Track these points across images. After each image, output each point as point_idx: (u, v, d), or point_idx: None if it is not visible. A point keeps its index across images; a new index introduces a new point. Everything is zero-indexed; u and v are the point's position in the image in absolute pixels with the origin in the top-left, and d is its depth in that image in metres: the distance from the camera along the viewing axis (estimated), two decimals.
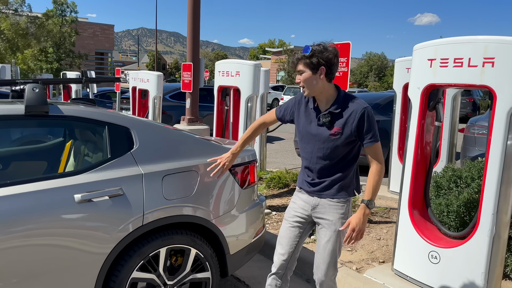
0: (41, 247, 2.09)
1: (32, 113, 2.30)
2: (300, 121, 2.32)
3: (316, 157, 2.26)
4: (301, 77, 2.17)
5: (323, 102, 2.22)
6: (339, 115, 2.18)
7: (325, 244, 2.27)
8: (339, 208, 2.27)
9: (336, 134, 2.18)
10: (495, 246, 2.58)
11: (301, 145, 2.35)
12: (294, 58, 2.20)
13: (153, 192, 2.42)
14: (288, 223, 2.38)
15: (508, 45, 2.43)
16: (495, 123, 2.52)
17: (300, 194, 2.40)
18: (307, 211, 2.34)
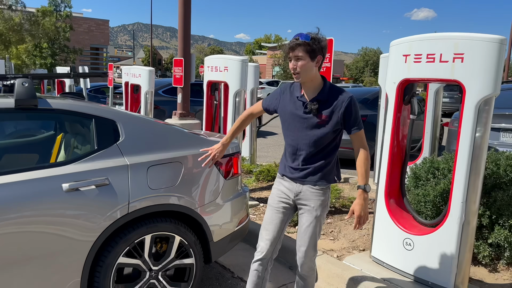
0: (29, 233, 2.20)
1: (21, 106, 2.40)
2: (286, 109, 2.37)
3: (303, 143, 2.33)
4: (298, 63, 2.20)
5: (311, 90, 2.29)
6: (326, 103, 2.26)
7: (306, 228, 2.39)
8: (320, 195, 2.39)
9: (323, 122, 2.26)
10: (464, 233, 2.72)
11: (286, 133, 2.41)
12: (293, 43, 2.20)
13: (138, 182, 2.54)
14: (274, 208, 2.47)
15: (476, 41, 2.56)
16: (464, 116, 2.65)
17: (282, 181, 2.47)
18: (290, 197, 2.44)
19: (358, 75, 70.33)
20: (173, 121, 7.16)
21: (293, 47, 2.20)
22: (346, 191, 5.46)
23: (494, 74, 2.51)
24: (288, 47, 2.22)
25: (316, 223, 2.39)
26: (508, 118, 5.15)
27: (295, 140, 2.36)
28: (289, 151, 2.41)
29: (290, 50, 2.21)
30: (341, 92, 2.28)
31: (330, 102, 2.27)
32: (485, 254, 3.15)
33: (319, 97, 2.27)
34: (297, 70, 2.21)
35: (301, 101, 2.31)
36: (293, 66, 2.22)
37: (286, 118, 2.38)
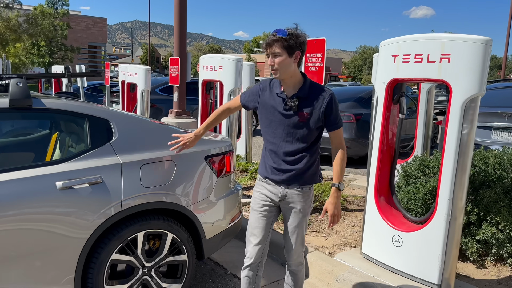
0: (24, 231, 2.25)
1: (16, 106, 2.45)
2: (266, 107, 2.31)
3: (284, 142, 2.28)
4: (276, 59, 2.16)
5: (291, 87, 2.25)
6: (306, 100, 2.22)
7: (294, 228, 2.38)
8: (306, 196, 2.36)
9: (304, 119, 2.22)
10: (451, 229, 2.78)
11: (267, 131, 2.35)
12: (270, 39, 2.16)
13: (131, 180, 2.59)
14: (258, 213, 2.41)
15: (462, 42, 2.61)
16: (451, 115, 2.71)
17: (265, 184, 2.40)
18: (275, 200, 2.38)
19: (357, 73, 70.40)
20: (169, 120, 7.21)
21: (270, 44, 2.16)
22: None
23: (479, 74, 2.56)
24: (265, 43, 2.19)
25: (303, 222, 2.40)
26: (500, 116, 5.20)
27: (276, 138, 2.31)
28: (270, 150, 2.35)
29: (267, 47, 2.18)
30: (321, 88, 2.26)
31: (311, 98, 2.23)
32: (473, 250, 3.22)
33: (300, 94, 2.23)
34: (275, 66, 2.17)
35: (281, 98, 2.26)
36: (271, 62, 2.18)
37: (266, 116, 2.32)
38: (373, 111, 3.23)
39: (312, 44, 4.08)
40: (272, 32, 2.19)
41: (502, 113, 5.20)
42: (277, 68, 2.17)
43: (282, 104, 2.25)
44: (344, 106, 7.30)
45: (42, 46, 26.11)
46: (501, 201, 3.18)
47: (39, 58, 25.90)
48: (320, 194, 4.64)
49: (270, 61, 2.18)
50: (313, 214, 4.38)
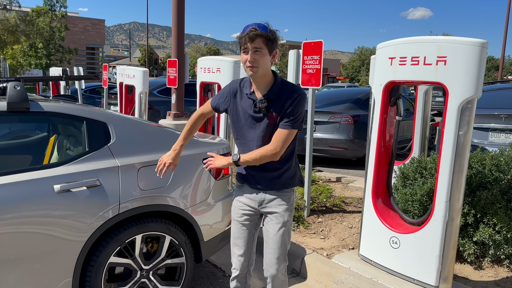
0: (21, 234, 2.25)
1: (14, 109, 2.45)
2: (237, 109, 2.19)
3: (257, 146, 2.15)
4: (256, 56, 2.01)
5: (262, 86, 2.12)
6: (276, 101, 2.09)
7: (274, 236, 2.23)
8: (286, 199, 2.25)
9: (274, 121, 2.10)
10: (448, 231, 2.79)
11: (239, 134, 2.22)
12: (252, 33, 1.99)
13: (129, 183, 2.60)
14: (239, 223, 2.32)
15: (458, 44, 2.62)
16: (447, 117, 2.72)
17: (243, 191, 2.31)
18: (254, 207, 2.29)
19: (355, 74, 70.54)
20: (167, 122, 7.22)
21: (252, 38, 1.99)
22: (338, 190, 5.53)
23: (475, 76, 2.57)
24: (246, 37, 2.00)
25: (284, 230, 2.24)
26: (497, 118, 5.23)
27: (248, 142, 2.18)
28: (244, 153, 2.20)
29: (248, 41, 2.00)
30: (292, 88, 2.10)
31: (280, 99, 2.09)
32: (470, 252, 3.23)
33: (269, 95, 2.09)
34: (255, 63, 2.01)
35: (250, 99, 2.14)
36: (252, 59, 2.01)
37: (237, 118, 2.20)
38: (371, 113, 3.24)
39: (309, 47, 4.09)
40: (250, 26, 2.03)
41: (499, 114, 5.22)
42: (257, 65, 2.02)
43: (252, 106, 2.13)
44: (342, 107, 7.32)
45: (39, 48, 26.08)
46: (498, 203, 3.19)
47: (36, 59, 25.86)
48: (318, 196, 4.65)
49: (251, 57, 2.01)
50: (310, 216, 4.39)
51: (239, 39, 2.06)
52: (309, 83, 4.15)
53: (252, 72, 2.05)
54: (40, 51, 26.16)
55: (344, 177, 6.24)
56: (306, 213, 4.36)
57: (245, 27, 2.05)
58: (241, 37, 2.04)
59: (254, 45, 2.01)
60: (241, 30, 2.08)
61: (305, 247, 3.63)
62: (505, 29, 22.62)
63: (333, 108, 7.35)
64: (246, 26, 2.05)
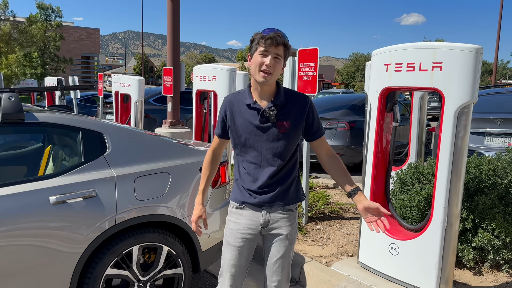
0: (17, 247, 2.22)
1: (8, 121, 2.43)
2: (238, 123, 2.03)
3: (265, 159, 2.01)
4: (276, 62, 1.91)
5: (266, 95, 1.99)
6: (284, 108, 1.99)
7: (278, 260, 2.08)
8: (292, 218, 2.10)
9: (285, 130, 1.98)
10: (447, 237, 2.77)
11: (243, 150, 2.05)
12: (279, 40, 1.89)
13: (125, 193, 2.57)
14: (236, 249, 2.08)
15: (453, 50, 2.63)
16: (444, 122, 2.72)
17: (243, 212, 2.09)
18: (256, 230, 2.07)
19: (349, 80, 70.89)
20: (164, 130, 7.20)
21: (278, 43, 1.88)
22: (336, 197, 5.51)
23: (471, 82, 2.58)
24: (273, 40, 1.88)
25: (290, 252, 2.11)
26: (492, 122, 5.25)
27: (254, 157, 2.02)
28: (247, 171, 2.05)
29: (273, 45, 1.88)
30: (298, 94, 2.04)
31: (289, 106, 1.99)
32: (469, 257, 3.21)
33: (276, 102, 1.97)
34: (272, 69, 1.90)
35: (254, 109, 1.99)
36: (270, 63, 1.89)
37: (240, 133, 2.02)
38: (367, 119, 3.24)
39: (305, 54, 4.10)
40: (272, 30, 1.92)
41: (494, 118, 5.24)
42: (272, 72, 1.91)
43: (257, 116, 1.98)
44: (338, 113, 7.33)
45: (34, 58, 26.04)
46: (496, 208, 3.19)
47: (31, 69, 25.80)
48: (316, 202, 4.63)
49: (270, 61, 1.89)
50: (308, 223, 4.37)
51: (259, 39, 1.90)
52: (305, 90, 4.15)
53: (264, 78, 1.91)
54: (35, 61, 26.12)
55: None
56: (304, 220, 4.34)
57: (268, 30, 1.92)
58: (264, 38, 1.88)
59: (277, 51, 1.90)
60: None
61: (303, 255, 3.61)
62: (498, 33, 22.84)
63: (329, 114, 7.36)
64: (269, 29, 1.93)
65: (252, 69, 1.96)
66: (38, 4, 27.67)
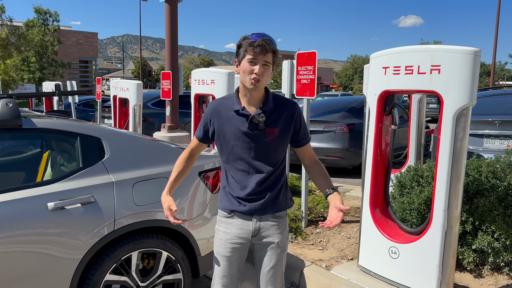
0: (16, 253, 2.21)
1: (6, 127, 2.42)
2: (225, 130, 1.98)
3: (254, 167, 1.98)
4: (264, 70, 1.87)
5: (255, 101, 1.95)
6: (273, 114, 1.96)
7: (272, 269, 2.06)
8: (283, 225, 2.08)
9: (274, 136, 1.96)
10: (447, 240, 2.77)
11: (230, 157, 2.01)
12: (268, 46, 1.85)
13: (124, 198, 2.56)
14: (226, 259, 2.05)
15: (452, 53, 2.63)
16: (443, 125, 2.72)
17: (232, 221, 2.05)
18: (246, 238, 2.05)
19: (348, 83, 71.04)
20: (162, 134, 7.19)
21: (267, 50, 1.85)
22: None
23: (470, 84, 2.58)
24: (261, 48, 1.84)
25: (282, 260, 2.09)
26: (491, 124, 5.25)
27: (243, 164, 1.98)
28: (235, 179, 2.01)
29: (261, 53, 1.84)
30: (287, 101, 2.01)
31: (278, 112, 1.97)
32: (469, 260, 3.20)
33: (265, 108, 1.94)
34: (261, 77, 1.87)
35: (243, 116, 1.95)
36: (259, 72, 1.85)
37: (227, 140, 1.99)
38: (366, 123, 3.23)
39: (303, 57, 4.10)
40: (260, 35, 1.87)
41: (493, 120, 5.24)
42: (262, 79, 1.87)
43: (246, 123, 1.94)
44: (337, 116, 7.33)
45: (32, 62, 26.02)
46: (496, 210, 3.19)
47: (29, 74, 25.78)
48: (315, 206, 4.62)
49: (259, 70, 1.85)
50: (308, 227, 4.36)
51: (247, 47, 1.86)
52: (304, 93, 4.15)
53: (254, 86, 1.87)
54: (33, 65, 26.10)
55: (341, 186, 6.22)
56: (304, 224, 4.33)
57: (256, 35, 1.87)
58: (252, 46, 1.84)
59: (266, 58, 1.86)
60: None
61: (303, 259, 3.60)
62: (495, 35, 22.92)
63: (327, 117, 7.36)
64: (256, 34, 1.88)
65: (240, 76, 1.92)
66: (35, 9, 27.69)
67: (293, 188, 5.57)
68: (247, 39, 1.88)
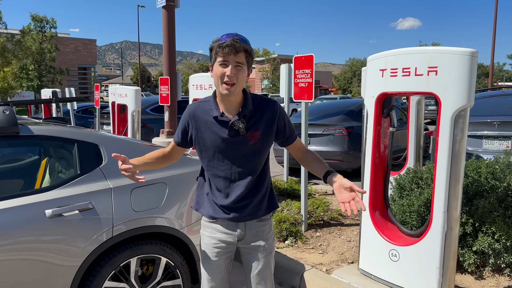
0: (13, 261, 2.20)
1: (3, 134, 2.42)
2: (204, 136, 1.91)
3: (237, 173, 1.92)
4: (238, 71, 1.77)
5: (233, 106, 1.88)
6: (253, 117, 1.89)
7: (259, 272, 2.04)
8: (268, 227, 2.05)
9: (256, 140, 1.89)
10: (447, 241, 2.75)
11: (211, 164, 1.94)
12: (238, 46, 1.74)
13: (122, 204, 2.55)
14: (213, 264, 2.03)
15: (448, 54, 2.63)
16: (441, 126, 2.71)
17: (216, 226, 2.01)
18: (232, 242, 2.01)
19: (347, 86, 71.16)
20: (161, 140, 7.18)
21: (238, 50, 1.74)
22: (335, 203, 5.48)
23: (467, 85, 2.57)
24: (231, 48, 1.74)
25: (270, 262, 2.06)
26: (490, 125, 5.25)
27: (224, 171, 1.92)
28: (219, 187, 1.95)
29: (231, 53, 1.74)
30: (266, 100, 1.93)
31: (258, 115, 1.89)
32: (470, 261, 3.19)
33: (245, 112, 1.87)
34: (233, 80, 1.77)
35: (222, 122, 1.87)
36: (232, 74, 1.75)
37: (204, 147, 1.92)
38: (364, 125, 3.23)
39: (300, 61, 4.10)
40: (230, 35, 1.77)
41: (492, 121, 5.24)
42: (236, 82, 1.77)
43: (226, 129, 1.87)
44: (335, 119, 7.32)
45: (30, 70, 26.04)
46: (496, 211, 3.17)
47: (28, 81, 25.80)
48: (315, 209, 4.61)
49: (231, 72, 1.75)
50: (308, 230, 4.34)
51: (217, 49, 1.77)
52: (302, 96, 4.15)
53: (228, 91, 1.78)
54: (31, 73, 26.13)
55: None
56: (304, 227, 4.32)
57: (226, 36, 1.78)
58: (221, 47, 1.75)
59: (237, 59, 1.76)
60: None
61: (303, 263, 3.58)
62: (493, 36, 22.98)
63: (326, 120, 7.35)
64: (226, 34, 1.79)
65: (214, 81, 1.83)
66: (32, 16, 27.76)
67: (293, 191, 5.56)
68: (217, 41, 1.79)
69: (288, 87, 4.39)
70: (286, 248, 3.96)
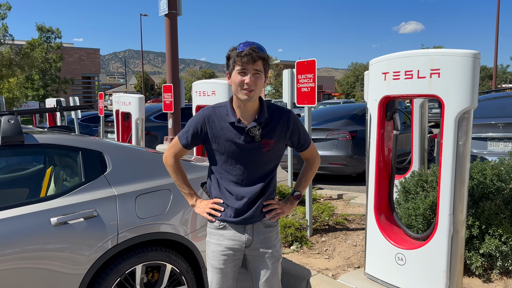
0: (19, 270, 2.20)
1: (8, 143, 2.43)
2: (219, 141, 1.96)
3: (250, 178, 1.97)
4: (257, 79, 1.85)
5: (250, 112, 1.94)
6: (269, 125, 1.96)
7: (267, 279, 2.04)
8: (275, 233, 2.07)
9: (270, 147, 1.95)
10: (454, 244, 2.73)
11: (224, 168, 1.99)
12: (255, 55, 1.82)
13: (127, 211, 2.55)
14: (220, 271, 2.03)
15: (451, 56, 2.63)
16: (445, 128, 2.70)
17: (224, 232, 2.03)
18: (240, 249, 2.03)
19: (350, 90, 71.11)
20: (165, 147, 7.20)
21: (255, 59, 1.82)
22: (340, 207, 5.47)
23: (470, 87, 2.57)
24: (249, 58, 1.81)
25: (277, 268, 2.07)
26: (494, 127, 5.22)
27: (237, 175, 1.97)
28: (231, 190, 1.99)
29: (250, 62, 1.82)
30: (281, 110, 2.00)
31: (273, 123, 1.96)
32: (477, 264, 3.16)
33: (261, 119, 1.93)
34: (253, 86, 1.85)
35: (239, 128, 1.93)
36: (250, 81, 1.83)
37: (222, 151, 1.96)
38: (368, 129, 3.22)
39: (303, 66, 4.11)
40: (248, 44, 1.85)
41: (496, 123, 5.22)
42: (254, 89, 1.85)
43: (241, 135, 1.93)
44: (339, 123, 7.32)
45: (35, 80, 26.23)
46: (502, 213, 3.15)
47: (33, 91, 26.00)
48: (320, 214, 4.59)
49: (250, 79, 1.83)
50: (313, 235, 4.33)
51: (235, 58, 1.85)
52: (304, 101, 4.15)
53: (248, 96, 1.85)
54: (36, 83, 26.34)
55: (346, 194, 6.19)
56: (309, 232, 4.30)
57: (243, 45, 1.85)
58: (240, 56, 1.83)
59: (255, 67, 1.84)
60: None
61: (309, 268, 3.56)
62: (496, 38, 22.94)
63: (330, 124, 7.35)
64: (244, 43, 1.86)
65: (233, 88, 1.90)
66: (38, 27, 28.02)
67: None
68: (235, 49, 1.87)
69: (291, 92, 4.41)
70: (292, 254, 3.94)
